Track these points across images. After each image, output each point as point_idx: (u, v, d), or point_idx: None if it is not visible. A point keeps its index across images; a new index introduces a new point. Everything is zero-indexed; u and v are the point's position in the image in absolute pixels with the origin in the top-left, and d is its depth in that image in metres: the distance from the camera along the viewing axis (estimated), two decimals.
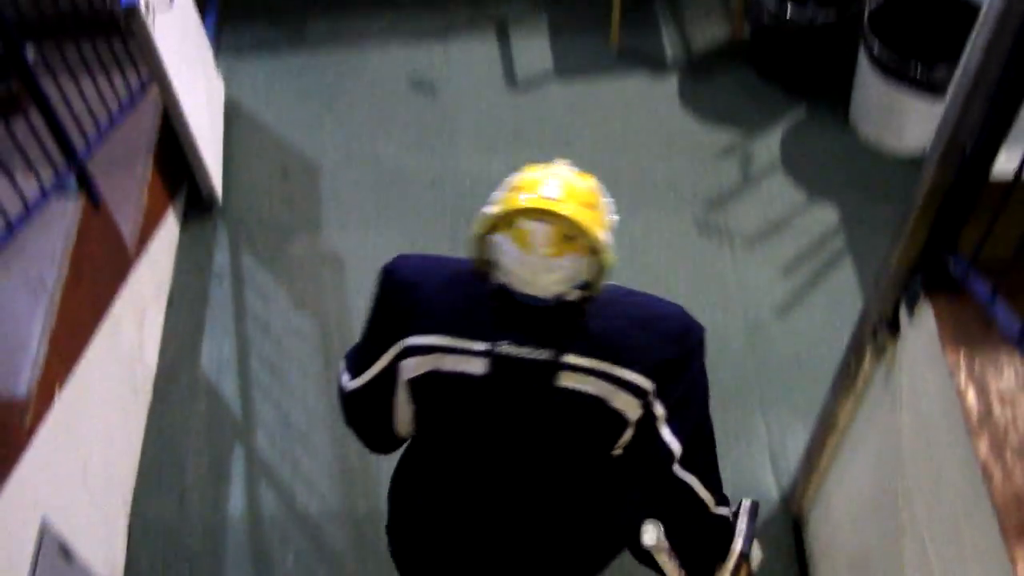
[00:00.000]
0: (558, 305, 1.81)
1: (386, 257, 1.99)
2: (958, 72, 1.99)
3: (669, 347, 1.87)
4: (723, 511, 1.98)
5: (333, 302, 3.66)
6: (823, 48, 4.15)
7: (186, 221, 3.91)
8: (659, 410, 1.87)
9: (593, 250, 1.75)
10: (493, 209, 1.77)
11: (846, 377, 2.57)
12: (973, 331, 2.04)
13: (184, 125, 3.61)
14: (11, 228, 2.82)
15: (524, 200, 1.73)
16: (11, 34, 2.79)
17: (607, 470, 1.98)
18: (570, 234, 1.73)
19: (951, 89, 2.01)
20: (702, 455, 1.95)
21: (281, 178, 4.05)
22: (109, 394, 3.17)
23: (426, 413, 1.99)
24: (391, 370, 1.94)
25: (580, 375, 1.83)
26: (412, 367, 1.90)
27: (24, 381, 2.59)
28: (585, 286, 1.83)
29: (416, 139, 4.15)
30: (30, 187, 2.91)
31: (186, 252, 3.83)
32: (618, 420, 1.87)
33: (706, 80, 4.31)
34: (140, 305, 3.44)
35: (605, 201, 1.81)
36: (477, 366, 1.85)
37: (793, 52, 4.18)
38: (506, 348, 1.83)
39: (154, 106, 3.65)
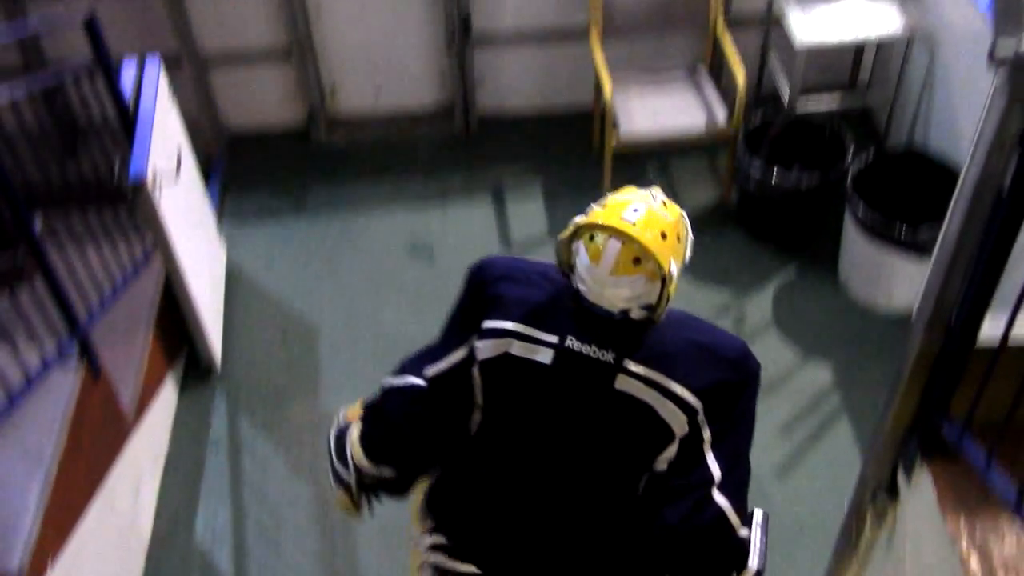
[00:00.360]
0: (623, 320, 1.95)
1: None
2: (939, 241, 2.05)
3: (722, 371, 1.98)
4: (745, 532, 2.04)
5: None
6: (810, 210, 4.27)
7: (184, 387, 3.92)
8: (706, 434, 1.98)
9: (661, 277, 1.90)
10: (579, 219, 1.92)
11: (848, 542, 2.54)
12: (972, 496, 2.04)
13: (186, 293, 3.67)
14: (12, 401, 2.84)
15: (604, 217, 1.88)
16: (19, 207, 2.87)
17: (649, 483, 2.05)
18: (639, 257, 1.87)
19: (933, 257, 2.06)
20: (736, 482, 2.03)
21: (280, 343, 4.09)
22: (102, 565, 3.11)
23: (493, 397, 2.09)
24: (470, 355, 2.07)
25: (635, 381, 1.95)
26: (485, 349, 2.03)
27: (16, 557, 2.56)
28: (650, 308, 1.97)
29: (414, 302, 4.21)
30: (32, 357, 2.94)
31: (183, 419, 3.83)
32: (664, 431, 1.97)
33: (697, 242, 4.36)
34: (136, 474, 3.42)
35: (685, 235, 1.99)
36: (545, 356, 1.99)
37: (781, 214, 4.30)
38: (572, 343, 1.97)
39: (156, 273, 3.72)
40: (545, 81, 4.92)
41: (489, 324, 2.03)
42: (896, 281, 3.92)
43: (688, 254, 2.00)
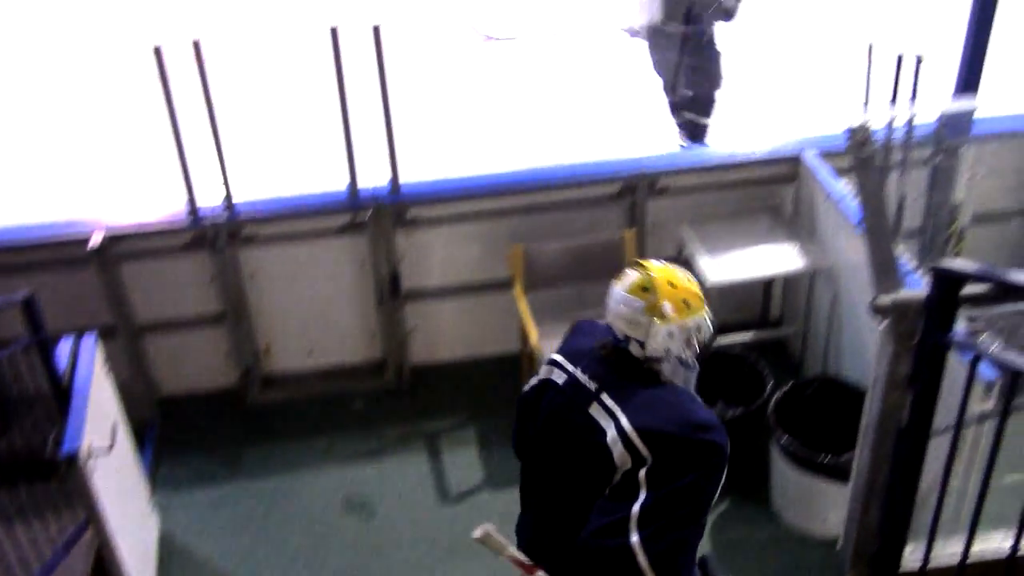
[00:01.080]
0: (623, 351, 2.45)
1: None
2: (852, 475, 2.16)
3: (672, 426, 2.33)
4: None
5: None
6: (737, 442, 4.33)
7: None
8: (644, 476, 2.29)
9: (657, 315, 2.36)
10: None
11: None
12: None
13: (118, 569, 3.58)
14: None
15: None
16: None
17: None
18: (647, 287, 2.39)
19: (849, 491, 2.16)
20: (660, 532, 2.26)
21: None
22: None
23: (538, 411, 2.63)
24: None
25: (601, 410, 2.40)
26: (542, 373, 2.65)
27: None
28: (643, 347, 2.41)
29: (351, 562, 4.14)
30: None
31: None
32: (608, 459, 2.33)
33: None
34: None
35: (697, 308, 2.44)
36: (562, 379, 2.54)
37: None
38: (577, 372, 2.51)
39: (87, 548, 3.63)
40: (473, 330, 5.10)
41: (549, 356, 2.65)
42: (827, 506, 3.98)
43: (689, 325, 2.43)
